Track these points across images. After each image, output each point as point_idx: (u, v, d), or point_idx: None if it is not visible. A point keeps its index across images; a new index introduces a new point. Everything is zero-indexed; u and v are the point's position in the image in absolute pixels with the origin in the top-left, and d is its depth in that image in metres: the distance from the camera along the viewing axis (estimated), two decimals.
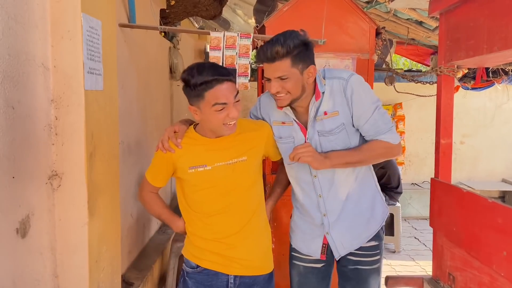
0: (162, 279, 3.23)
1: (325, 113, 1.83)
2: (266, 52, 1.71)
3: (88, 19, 1.79)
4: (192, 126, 1.96)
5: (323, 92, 1.83)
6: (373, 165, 1.95)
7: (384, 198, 2.02)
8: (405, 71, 6.04)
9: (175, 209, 4.67)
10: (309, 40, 1.75)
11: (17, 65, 1.52)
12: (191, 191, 1.89)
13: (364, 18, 2.66)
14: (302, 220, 2.03)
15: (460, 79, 4.50)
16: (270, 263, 1.96)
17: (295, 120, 1.89)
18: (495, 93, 6.01)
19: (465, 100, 6.24)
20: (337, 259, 1.97)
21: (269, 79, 1.77)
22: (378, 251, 1.94)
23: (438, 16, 1.87)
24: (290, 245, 2.11)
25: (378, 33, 2.74)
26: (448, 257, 1.78)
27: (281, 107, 1.85)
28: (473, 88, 4.60)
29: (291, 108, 1.90)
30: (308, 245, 2.00)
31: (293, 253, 2.07)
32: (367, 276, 1.92)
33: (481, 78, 3.73)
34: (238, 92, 1.72)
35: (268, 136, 1.94)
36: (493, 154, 6.34)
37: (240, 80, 2.65)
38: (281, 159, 2.04)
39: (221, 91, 1.66)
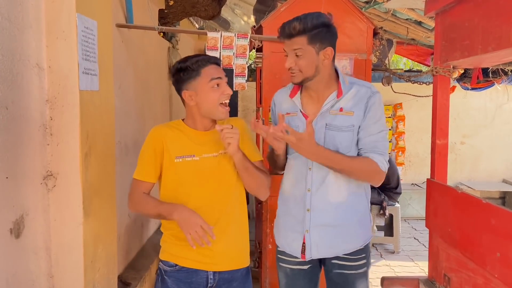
0: None
1: (341, 109, 1.86)
2: (284, 28, 1.80)
3: (83, 20, 1.79)
4: (180, 120, 2.05)
5: (344, 92, 1.87)
6: None
7: (371, 224, 2.02)
8: (406, 71, 6.03)
9: None
10: (331, 23, 1.81)
11: (11, 66, 1.52)
12: (175, 184, 1.90)
13: (361, 18, 2.65)
14: (286, 216, 2.02)
15: (460, 79, 4.49)
16: (247, 258, 1.98)
17: (300, 111, 1.94)
18: (495, 94, 5.99)
19: (466, 101, 6.22)
20: (306, 259, 1.95)
21: (286, 55, 1.85)
22: (364, 255, 1.93)
23: (434, 16, 1.86)
24: (277, 246, 2.10)
25: (375, 33, 2.73)
26: (444, 258, 1.77)
27: (295, 84, 1.91)
28: (473, 89, 4.59)
29: (302, 94, 1.95)
30: (289, 243, 1.99)
31: (279, 255, 2.07)
32: (353, 281, 1.91)
33: (477, 79, 3.72)
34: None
35: (241, 131, 1.94)
36: (493, 154, 6.32)
37: (237, 80, 2.65)
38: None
39: (215, 68, 1.84)
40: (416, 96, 3.82)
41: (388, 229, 4.73)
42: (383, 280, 2.03)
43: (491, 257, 1.41)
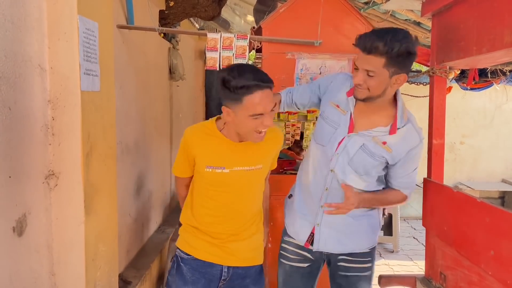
0: (161, 278, 3.25)
1: (384, 143, 1.81)
2: (366, 42, 1.65)
3: (85, 21, 1.82)
4: (215, 123, 1.86)
5: (398, 129, 1.80)
6: None
7: (379, 229, 2.08)
8: None
9: (176, 207, 4.69)
10: (415, 50, 1.66)
11: (14, 67, 1.55)
12: (205, 188, 1.90)
13: (360, 19, 2.68)
14: (300, 203, 2.05)
15: (459, 80, 4.51)
16: (261, 256, 2.01)
17: (351, 115, 1.85)
18: (495, 94, 6.01)
19: (465, 101, 6.24)
20: (313, 249, 1.99)
21: (356, 68, 1.73)
22: (370, 258, 1.96)
23: (431, 18, 1.89)
24: (282, 236, 2.13)
25: None
26: (440, 256, 1.79)
27: (357, 99, 1.80)
28: (472, 89, 4.61)
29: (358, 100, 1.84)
30: (297, 229, 2.03)
31: (281, 251, 2.10)
32: (357, 283, 1.94)
33: (473, 80, 3.75)
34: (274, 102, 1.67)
35: (279, 148, 1.97)
36: (493, 154, 6.34)
37: None
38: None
39: (261, 99, 1.59)
40: (413, 96, 3.84)
41: (388, 228, 4.75)
42: (381, 278, 2.06)
43: (485, 255, 1.44)
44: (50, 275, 1.83)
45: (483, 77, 4.38)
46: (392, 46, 1.58)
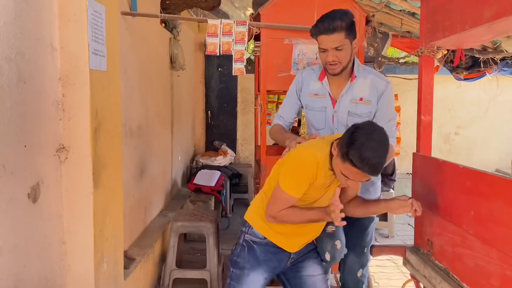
0: (163, 257, 3.37)
1: (361, 99, 2.10)
2: (327, 25, 1.95)
3: (93, 4, 1.93)
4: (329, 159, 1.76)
5: (356, 77, 2.10)
6: None
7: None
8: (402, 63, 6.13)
9: (176, 194, 4.78)
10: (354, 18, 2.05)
11: (28, 44, 1.65)
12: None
13: (355, 7, 2.77)
14: None
15: (453, 70, 4.62)
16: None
17: (329, 93, 2.14)
18: (489, 85, 6.11)
19: (460, 92, 6.35)
20: None
21: (324, 50, 2.01)
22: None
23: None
24: None
25: (368, 21, 2.86)
26: (427, 225, 1.90)
27: (334, 75, 2.08)
28: (465, 79, 4.71)
29: (329, 78, 2.15)
30: None
31: None
32: (367, 223, 2.22)
33: (459, 60, 3.87)
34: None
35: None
36: (487, 145, 6.45)
37: (236, 66, 2.78)
38: None
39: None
40: (400, 78, 3.94)
41: (383, 214, 4.87)
42: (372, 247, 2.17)
43: (466, 216, 1.55)
44: (61, 243, 1.94)
45: (476, 67, 4.49)
46: (345, 19, 1.95)
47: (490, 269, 1.43)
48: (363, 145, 1.54)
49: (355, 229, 2.16)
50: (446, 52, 3.75)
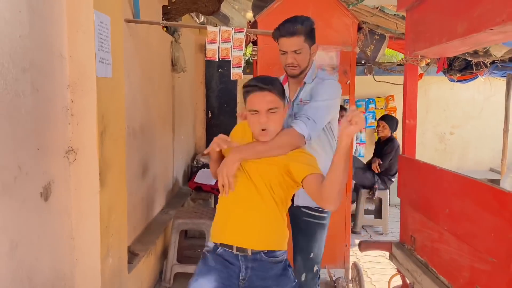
0: (164, 252, 3.51)
1: (301, 100, 2.16)
2: (288, 28, 2.04)
3: (99, 15, 2.06)
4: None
5: (305, 83, 2.16)
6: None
7: None
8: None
9: (178, 192, 4.92)
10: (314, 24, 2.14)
11: (41, 54, 1.79)
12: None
13: (347, 14, 2.91)
14: None
15: (446, 72, 4.75)
16: None
17: (287, 99, 2.16)
18: (483, 86, 6.24)
19: (454, 93, 6.48)
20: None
21: (284, 53, 2.10)
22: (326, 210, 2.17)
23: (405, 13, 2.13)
24: None
25: (360, 28, 2.99)
26: (411, 222, 2.05)
27: (293, 76, 2.17)
28: (458, 81, 4.85)
29: (289, 82, 2.24)
30: None
31: None
32: (315, 228, 2.19)
33: (442, 68, 4.00)
34: (276, 106, 1.75)
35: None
36: (481, 144, 6.58)
37: (234, 70, 2.92)
38: None
39: (256, 98, 1.74)
40: (393, 84, 4.08)
41: (378, 212, 5.01)
42: (360, 243, 2.32)
43: (442, 214, 1.69)
44: (70, 239, 2.08)
45: (469, 69, 4.62)
46: (306, 25, 2.05)
47: (462, 262, 1.57)
48: (252, 79, 1.75)
49: (302, 233, 2.22)
50: (429, 60, 3.89)
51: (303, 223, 2.21)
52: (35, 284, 1.77)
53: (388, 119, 5.07)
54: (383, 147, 5.01)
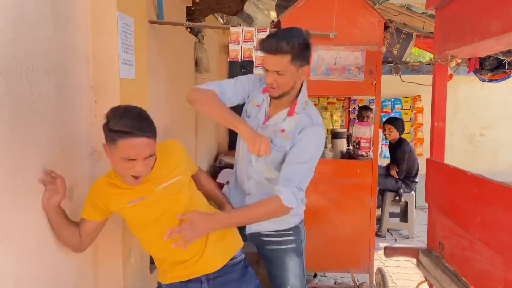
0: None
1: (283, 130, 1.87)
2: (271, 44, 1.73)
3: (123, 17, 2.07)
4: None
5: (297, 113, 1.87)
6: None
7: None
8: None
9: None
10: (310, 42, 1.79)
11: (65, 57, 1.81)
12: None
13: (373, 13, 2.84)
14: (236, 189, 2.17)
15: (477, 71, 4.59)
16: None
17: (265, 109, 1.96)
18: None
19: (485, 93, 6.27)
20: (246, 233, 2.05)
21: (266, 70, 1.80)
22: (292, 232, 2.00)
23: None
24: None
25: (386, 27, 2.92)
26: (439, 228, 1.97)
27: (274, 98, 1.89)
28: (490, 80, 4.68)
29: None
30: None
31: None
32: (283, 256, 1.99)
33: (474, 67, 3.84)
34: (153, 151, 1.68)
35: (179, 154, 2.00)
36: None
37: (257, 71, 2.89)
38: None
39: (134, 146, 1.56)
40: (420, 84, 3.98)
41: (403, 215, 4.89)
42: (386, 249, 2.25)
43: (474, 222, 1.61)
44: None
45: (501, 69, 4.46)
46: (293, 43, 1.70)
47: (494, 273, 1.50)
48: (121, 114, 1.56)
49: (272, 265, 2.03)
50: (460, 60, 3.76)
51: (268, 252, 2.02)
52: (58, 284, 1.78)
53: (394, 122, 4.98)
54: (395, 150, 4.93)
